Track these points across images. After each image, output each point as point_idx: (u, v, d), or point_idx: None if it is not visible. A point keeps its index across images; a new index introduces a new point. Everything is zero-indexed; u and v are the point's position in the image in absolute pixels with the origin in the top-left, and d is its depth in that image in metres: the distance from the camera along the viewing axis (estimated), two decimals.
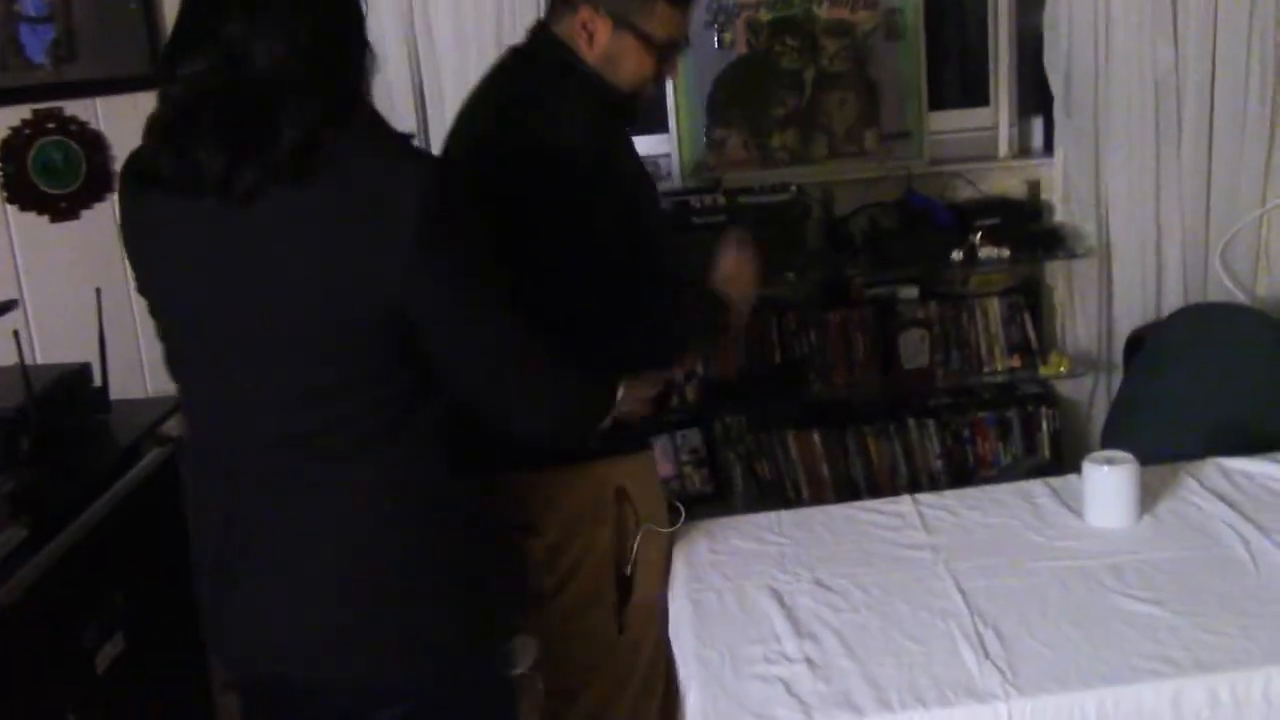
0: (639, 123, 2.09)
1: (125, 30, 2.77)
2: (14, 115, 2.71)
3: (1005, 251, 3.14)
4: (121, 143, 2.75)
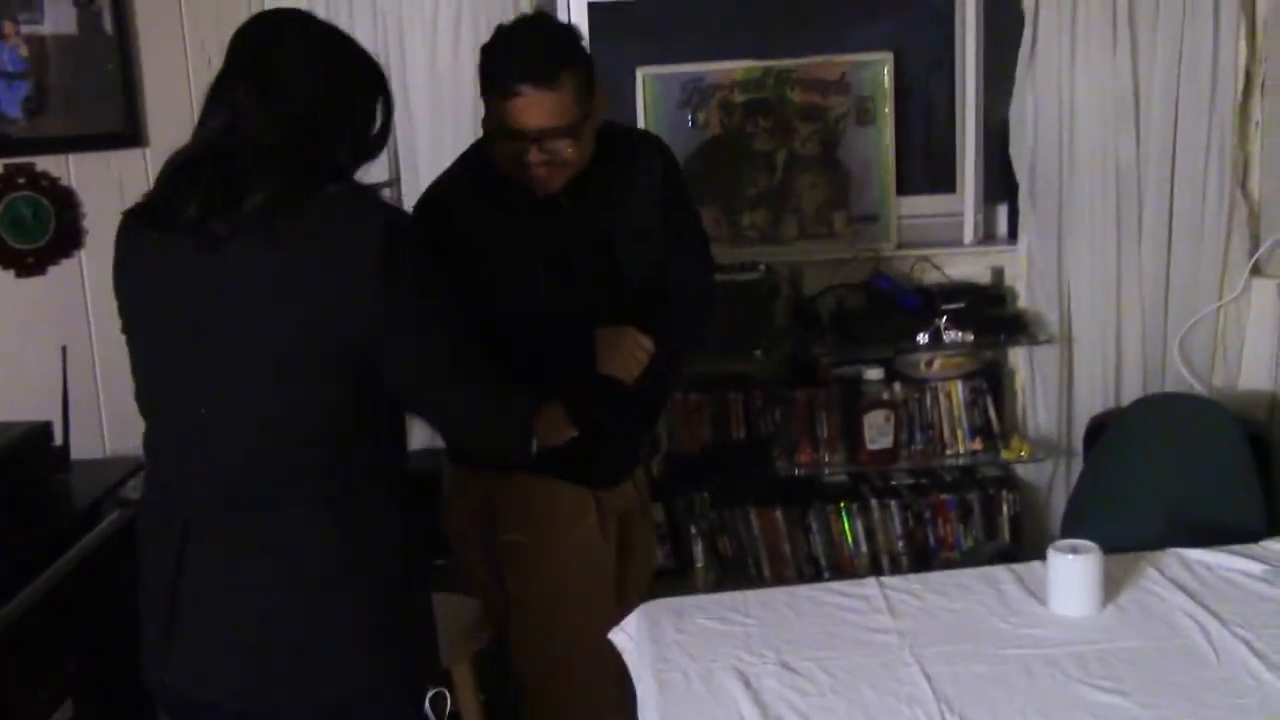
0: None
1: (100, 88, 2.77)
2: None
3: (969, 336, 3.18)
4: (92, 200, 2.74)
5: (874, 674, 1.84)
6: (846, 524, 3.30)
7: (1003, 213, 3.45)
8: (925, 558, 3.29)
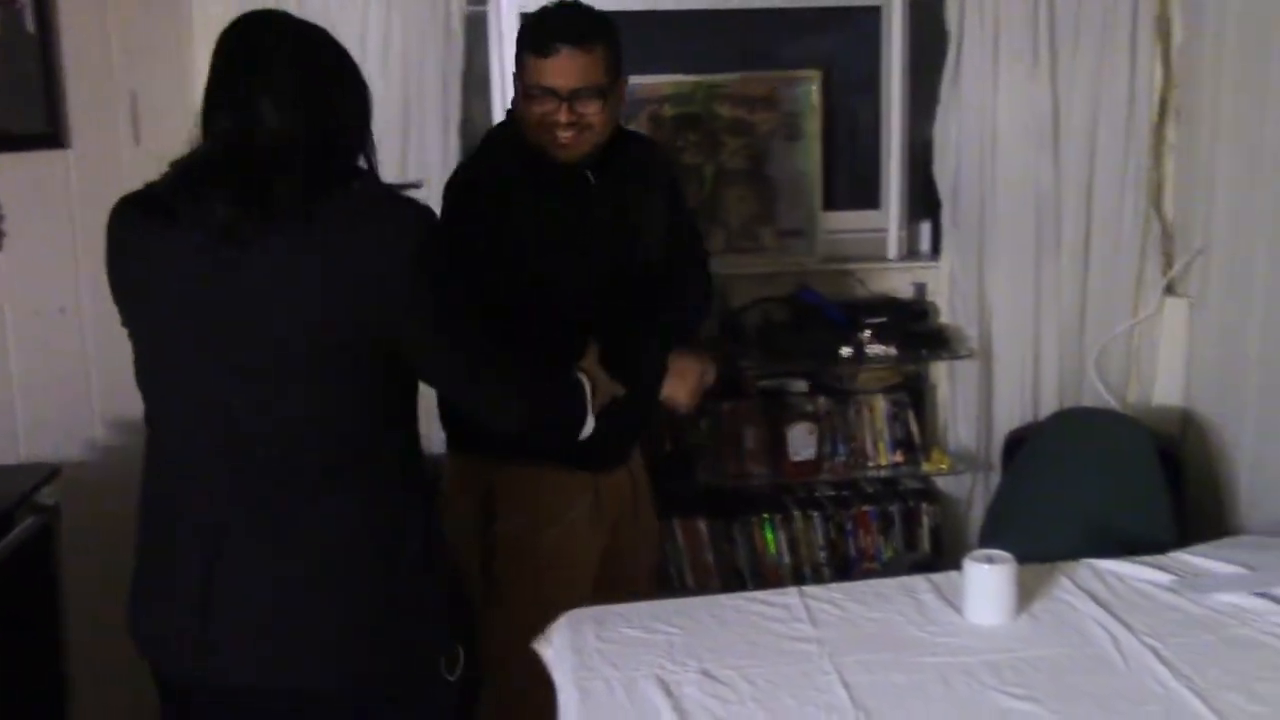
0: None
1: (22, 88, 2.71)
2: None
3: (892, 350, 3.23)
4: (12, 202, 2.69)
5: (794, 682, 1.87)
6: (770, 535, 3.33)
7: (926, 230, 3.51)
8: (846, 568, 3.33)
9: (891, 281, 3.44)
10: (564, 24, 2.18)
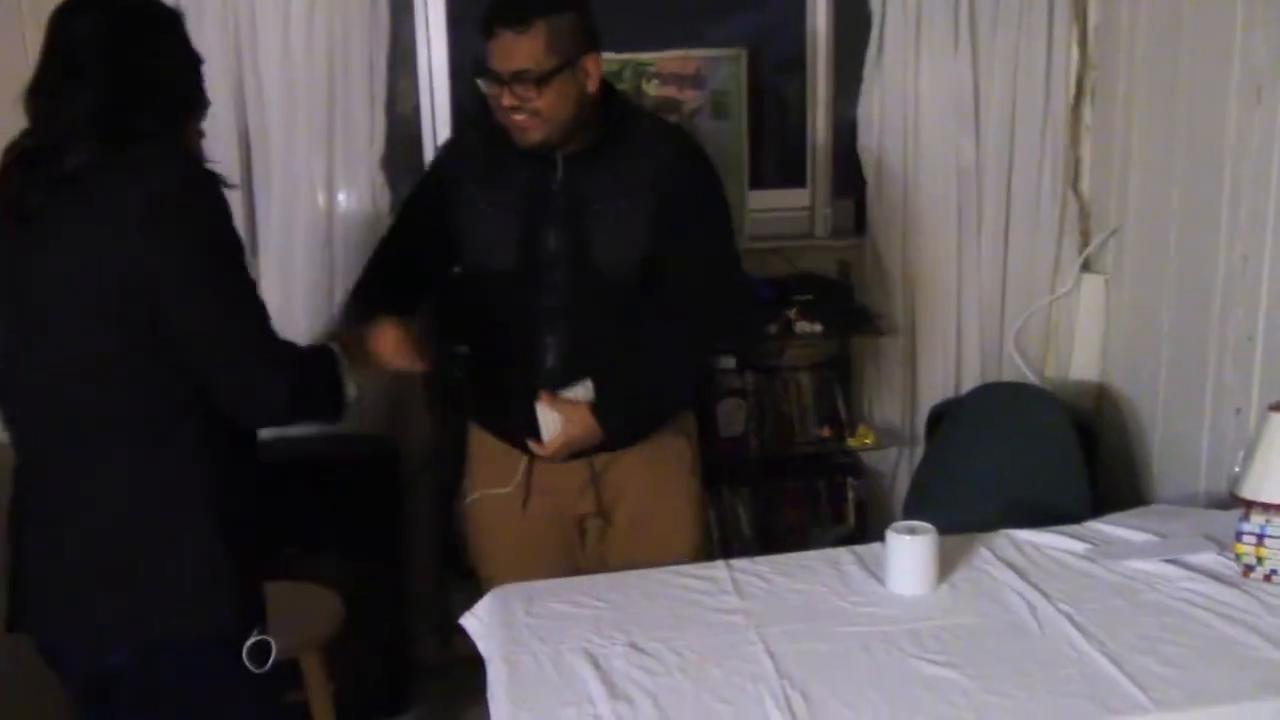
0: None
1: None
2: None
3: (818, 327, 3.27)
4: None
5: (720, 653, 1.90)
6: None
7: (851, 208, 3.55)
8: (775, 542, 3.36)
9: (818, 259, 3.47)
10: (503, 2, 2.09)
